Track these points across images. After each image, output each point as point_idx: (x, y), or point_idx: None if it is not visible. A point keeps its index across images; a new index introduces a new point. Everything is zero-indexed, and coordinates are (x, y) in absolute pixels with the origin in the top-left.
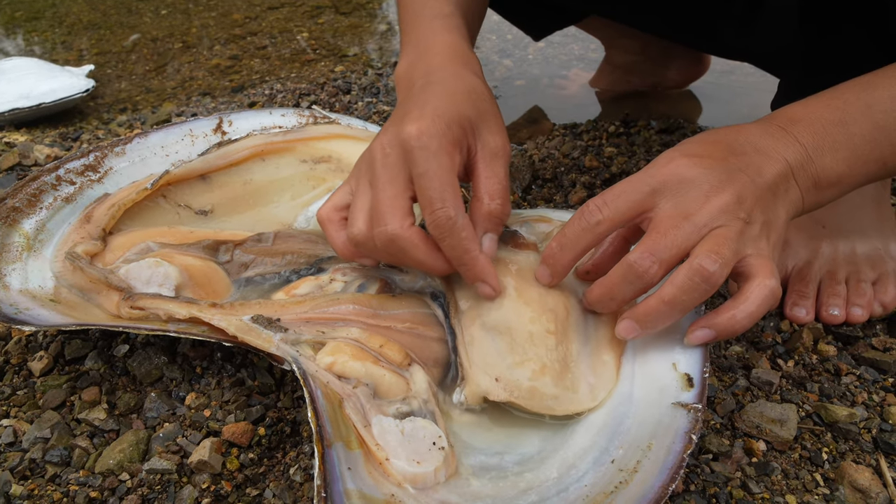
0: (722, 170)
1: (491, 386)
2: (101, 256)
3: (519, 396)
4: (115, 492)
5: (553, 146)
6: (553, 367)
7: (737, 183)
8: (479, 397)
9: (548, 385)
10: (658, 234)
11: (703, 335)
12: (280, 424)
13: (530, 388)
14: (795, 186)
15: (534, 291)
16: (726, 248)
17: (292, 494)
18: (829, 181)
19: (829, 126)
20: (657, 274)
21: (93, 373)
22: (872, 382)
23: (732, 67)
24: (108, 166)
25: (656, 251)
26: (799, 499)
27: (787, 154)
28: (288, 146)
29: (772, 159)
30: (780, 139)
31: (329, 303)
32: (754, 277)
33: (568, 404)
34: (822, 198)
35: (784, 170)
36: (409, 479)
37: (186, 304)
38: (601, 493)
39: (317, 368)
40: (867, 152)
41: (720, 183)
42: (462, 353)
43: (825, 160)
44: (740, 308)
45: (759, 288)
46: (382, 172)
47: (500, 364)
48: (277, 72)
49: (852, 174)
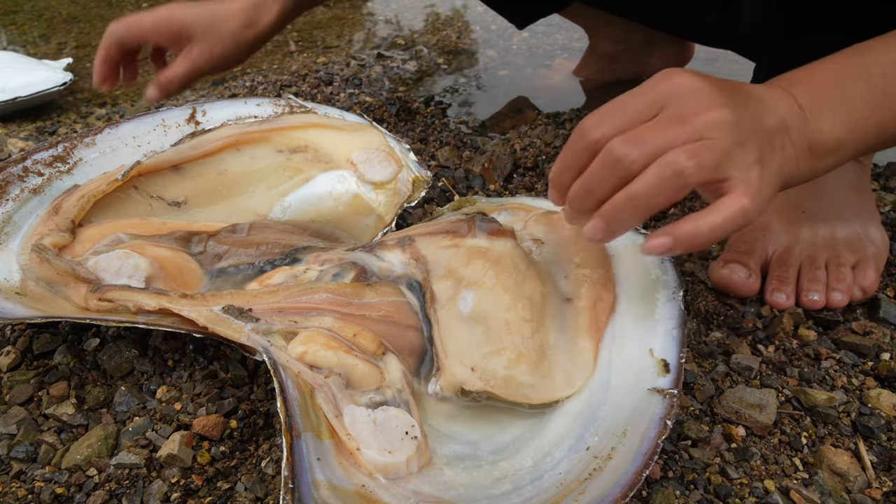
0: (725, 93)
1: (467, 375)
2: (69, 248)
3: (495, 386)
4: (81, 487)
5: (535, 135)
6: (529, 355)
7: (739, 109)
8: (455, 387)
9: (524, 374)
10: (647, 127)
11: (660, 242)
12: (253, 417)
13: (506, 377)
14: (790, 146)
15: (510, 279)
16: (708, 154)
17: (264, 487)
18: (827, 147)
19: (827, 89)
20: (636, 162)
21: (62, 367)
22: (852, 366)
23: (716, 56)
24: (78, 157)
25: (640, 141)
26: (778, 483)
27: (784, 111)
28: (263, 136)
29: (772, 111)
30: (780, 97)
31: (302, 292)
32: (730, 193)
33: (545, 392)
34: (817, 166)
35: (780, 125)
36: (380, 469)
37: (156, 296)
38: (575, 481)
39: (288, 358)
40: (866, 116)
41: (722, 101)
42: (438, 343)
43: (823, 123)
44: (705, 219)
45: (730, 202)
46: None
47: (476, 353)
48: (259, 64)
49: (852, 139)
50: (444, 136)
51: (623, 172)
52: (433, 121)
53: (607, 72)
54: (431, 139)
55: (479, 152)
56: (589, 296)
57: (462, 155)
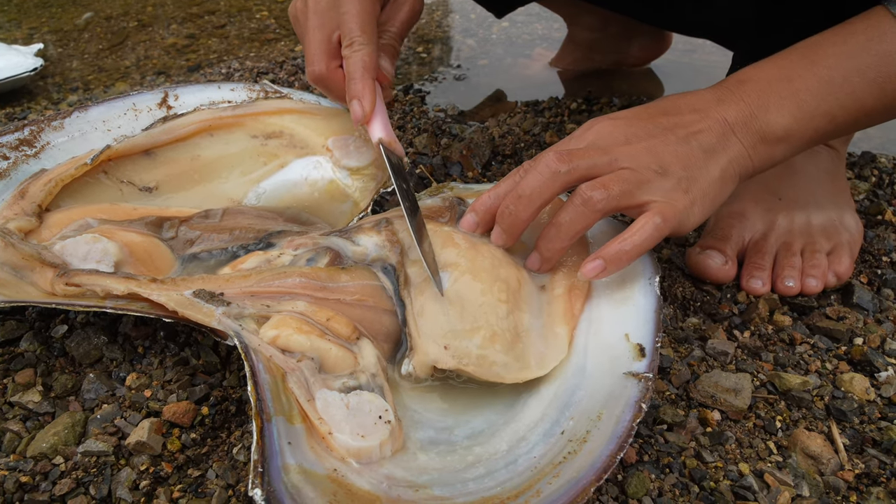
0: (641, 127)
1: (440, 354)
2: (36, 233)
3: (468, 364)
4: (47, 476)
5: (514, 123)
6: (504, 335)
7: (654, 139)
8: (427, 367)
9: (498, 353)
10: (578, 151)
11: (594, 266)
12: (225, 403)
13: (480, 355)
14: (738, 143)
15: (486, 261)
16: (617, 185)
17: (235, 474)
18: (777, 136)
19: (775, 83)
20: (569, 174)
21: (28, 354)
22: (826, 351)
23: (694, 46)
24: (45, 141)
25: (571, 158)
26: (752, 467)
27: (728, 113)
28: (237, 121)
29: (707, 119)
30: (724, 100)
31: (275, 276)
32: (645, 213)
33: (518, 372)
34: (773, 153)
35: (720, 128)
36: (352, 454)
37: (125, 280)
38: (549, 464)
39: (260, 342)
40: (814, 107)
41: (635, 136)
42: (411, 324)
43: (770, 115)
44: (627, 240)
45: (644, 220)
46: (313, 17)
47: (450, 332)
48: (236, 51)
49: (800, 128)
50: (422, 124)
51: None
52: (412, 108)
53: (586, 61)
54: (409, 126)
55: (457, 140)
56: (564, 284)
57: (440, 142)
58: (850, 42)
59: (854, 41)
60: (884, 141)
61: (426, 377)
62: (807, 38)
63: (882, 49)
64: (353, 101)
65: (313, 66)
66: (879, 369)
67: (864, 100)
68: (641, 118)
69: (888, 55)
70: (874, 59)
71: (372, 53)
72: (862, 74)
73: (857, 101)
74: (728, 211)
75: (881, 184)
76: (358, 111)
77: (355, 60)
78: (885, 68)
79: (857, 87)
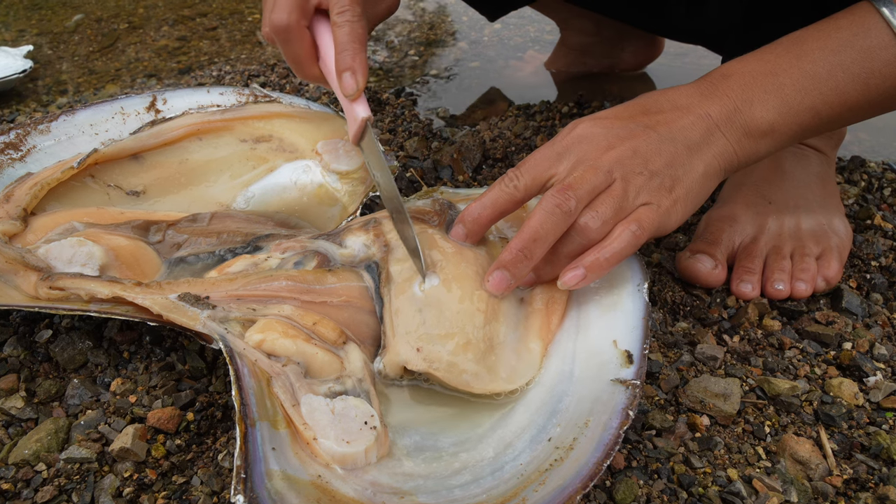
0: (622, 127)
1: (411, 356)
2: (21, 237)
3: (438, 369)
4: (29, 483)
5: (505, 126)
6: (478, 345)
7: (637, 139)
8: (398, 366)
9: (469, 361)
10: (574, 181)
11: (574, 275)
12: (210, 409)
13: (450, 362)
14: (722, 138)
15: (469, 269)
16: (609, 206)
17: (220, 481)
18: (761, 130)
19: (759, 77)
20: (577, 208)
21: (11, 360)
22: (815, 356)
23: (686, 50)
24: (31, 144)
25: (574, 189)
26: (741, 472)
27: (711, 108)
28: (226, 125)
29: (690, 114)
30: (707, 95)
31: (262, 279)
32: (622, 221)
33: (486, 383)
34: (758, 147)
35: (704, 124)
36: (337, 460)
37: (109, 283)
38: (536, 471)
39: (245, 346)
40: (798, 101)
41: (618, 138)
42: (387, 321)
43: (754, 110)
44: (606, 248)
45: (621, 229)
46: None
47: (424, 335)
48: (227, 53)
49: (785, 122)
50: (412, 127)
51: (565, 214)
52: (403, 111)
53: (578, 64)
54: (400, 130)
55: (447, 143)
56: (543, 298)
57: (431, 146)
58: (834, 37)
59: (838, 36)
60: (873, 145)
61: (396, 377)
62: (791, 33)
63: (866, 44)
64: (344, 73)
65: (279, 13)
66: (868, 374)
67: (847, 95)
68: (622, 118)
69: (872, 50)
70: (858, 54)
71: (364, 28)
72: (846, 70)
73: (841, 96)
74: (718, 215)
75: (870, 188)
76: (351, 84)
77: (348, 31)
78: (868, 64)
79: (841, 82)
